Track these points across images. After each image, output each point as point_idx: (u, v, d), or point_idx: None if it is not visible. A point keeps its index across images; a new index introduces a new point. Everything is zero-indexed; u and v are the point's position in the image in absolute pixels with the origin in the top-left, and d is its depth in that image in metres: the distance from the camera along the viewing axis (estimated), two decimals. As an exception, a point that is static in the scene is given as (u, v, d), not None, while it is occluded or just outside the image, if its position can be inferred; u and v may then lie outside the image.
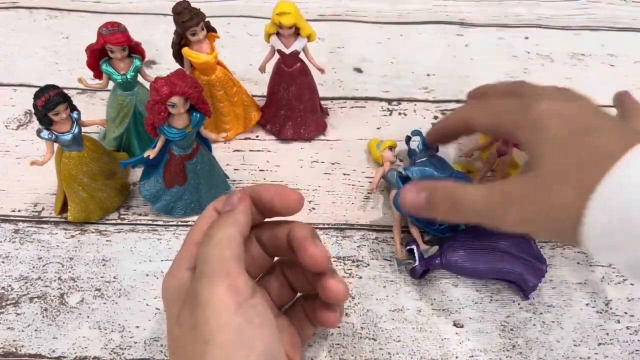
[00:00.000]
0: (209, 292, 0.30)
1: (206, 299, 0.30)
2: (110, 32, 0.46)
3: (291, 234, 0.35)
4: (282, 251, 0.37)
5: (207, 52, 0.50)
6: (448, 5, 0.69)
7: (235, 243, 0.32)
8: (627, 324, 0.44)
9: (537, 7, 0.69)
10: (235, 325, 0.29)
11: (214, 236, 0.33)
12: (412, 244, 0.46)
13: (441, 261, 0.44)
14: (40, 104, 0.42)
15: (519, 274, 0.44)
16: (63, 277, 0.46)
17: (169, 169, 0.47)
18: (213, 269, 0.31)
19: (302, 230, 0.35)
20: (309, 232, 0.35)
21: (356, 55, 0.64)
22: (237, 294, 0.30)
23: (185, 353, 0.30)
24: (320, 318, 0.37)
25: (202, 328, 0.29)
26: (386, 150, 0.52)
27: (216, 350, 0.29)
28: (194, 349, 0.30)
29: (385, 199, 0.51)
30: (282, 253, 0.38)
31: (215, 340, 0.29)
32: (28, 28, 0.67)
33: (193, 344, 0.30)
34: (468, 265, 0.44)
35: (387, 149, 0.52)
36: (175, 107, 0.42)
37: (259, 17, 0.68)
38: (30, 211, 0.51)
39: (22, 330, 0.44)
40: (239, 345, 0.29)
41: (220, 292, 0.30)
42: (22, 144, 0.56)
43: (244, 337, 0.29)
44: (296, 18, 0.48)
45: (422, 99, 0.60)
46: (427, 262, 0.45)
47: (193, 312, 0.30)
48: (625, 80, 0.61)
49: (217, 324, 0.29)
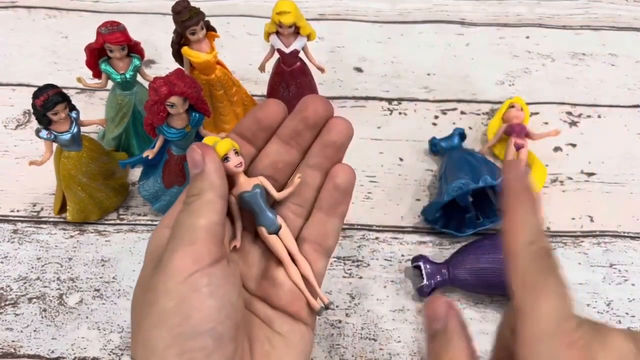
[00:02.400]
0: (168, 258, 0.30)
1: (164, 264, 0.30)
2: (110, 32, 0.46)
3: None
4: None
5: (207, 52, 0.50)
6: (448, 5, 0.69)
7: (213, 209, 0.32)
8: (629, 325, 0.44)
9: (538, 7, 0.69)
10: (179, 292, 0.29)
11: (191, 204, 0.32)
12: (420, 260, 0.45)
13: (448, 277, 0.44)
14: (39, 103, 0.42)
15: None
16: (62, 278, 0.46)
17: (168, 169, 0.47)
18: (181, 237, 0.31)
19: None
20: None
21: (356, 54, 0.64)
22: (195, 262, 0.30)
23: (137, 312, 0.31)
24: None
25: (152, 292, 0.30)
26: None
27: (154, 315, 0.29)
28: (141, 311, 0.30)
29: (386, 198, 0.51)
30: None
31: (157, 304, 0.29)
32: (27, 28, 0.66)
33: (142, 305, 0.30)
34: (474, 281, 0.44)
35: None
36: (174, 107, 0.42)
37: (258, 16, 0.67)
38: (29, 211, 0.50)
39: (21, 330, 0.43)
40: (174, 313, 0.29)
41: (177, 259, 0.30)
42: (21, 144, 0.55)
43: (183, 306, 0.29)
44: (296, 17, 0.48)
45: (423, 98, 0.60)
46: (435, 280, 0.44)
47: (152, 276, 0.31)
48: (625, 79, 0.61)
49: (163, 289, 0.29)
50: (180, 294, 0.29)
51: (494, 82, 0.61)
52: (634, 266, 0.47)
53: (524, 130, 0.52)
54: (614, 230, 0.50)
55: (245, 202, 0.33)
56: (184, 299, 0.29)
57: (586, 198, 0.52)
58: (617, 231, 0.49)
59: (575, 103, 0.59)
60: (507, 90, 0.60)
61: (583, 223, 0.50)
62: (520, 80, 0.61)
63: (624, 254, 0.48)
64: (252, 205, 0.33)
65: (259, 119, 0.35)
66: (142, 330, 0.30)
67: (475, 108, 0.58)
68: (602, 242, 0.49)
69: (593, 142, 0.56)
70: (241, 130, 0.35)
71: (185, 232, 0.31)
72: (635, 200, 0.52)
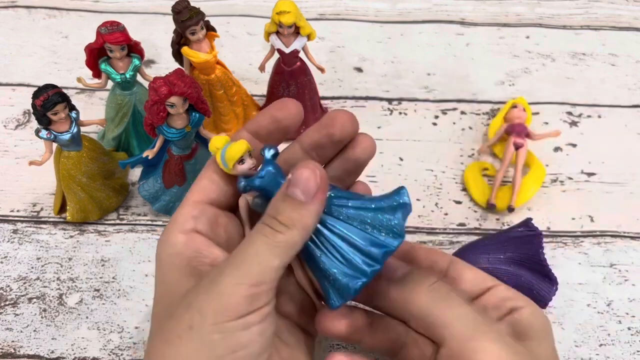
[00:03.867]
0: (228, 288, 0.28)
1: (220, 291, 0.28)
2: (110, 32, 0.46)
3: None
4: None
5: (207, 52, 0.49)
6: (448, 5, 0.69)
7: (291, 253, 0.30)
8: (629, 325, 0.44)
9: (538, 6, 0.69)
10: (230, 327, 0.28)
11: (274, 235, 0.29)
12: None
13: None
14: (39, 103, 0.41)
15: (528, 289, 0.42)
16: (62, 278, 0.46)
17: (168, 169, 0.47)
18: (249, 271, 0.29)
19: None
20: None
21: (356, 54, 0.64)
22: (253, 303, 0.29)
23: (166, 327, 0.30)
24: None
25: (195, 314, 0.29)
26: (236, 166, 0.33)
27: (196, 340, 0.28)
28: (174, 327, 0.29)
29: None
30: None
31: (201, 331, 0.29)
32: (27, 27, 0.66)
33: (176, 321, 0.29)
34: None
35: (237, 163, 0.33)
36: (174, 107, 0.42)
37: (258, 16, 0.67)
38: (29, 211, 0.50)
39: (20, 330, 0.43)
40: (219, 345, 0.28)
41: (236, 295, 0.28)
42: (20, 144, 0.55)
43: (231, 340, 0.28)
44: (296, 17, 0.48)
45: (423, 98, 0.60)
46: None
47: (196, 295, 0.29)
48: (625, 79, 0.61)
49: (213, 319, 0.28)
50: (232, 329, 0.28)
51: (494, 82, 0.61)
52: (634, 266, 0.47)
53: (524, 130, 0.52)
54: (614, 230, 0.50)
55: (258, 205, 0.32)
56: (234, 334, 0.28)
57: (586, 198, 0.52)
58: (617, 231, 0.49)
59: (576, 103, 0.59)
60: (507, 90, 0.60)
61: (583, 223, 0.50)
62: (520, 80, 0.61)
63: (624, 254, 0.48)
64: (264, 209, 0.31)
65: (278, 119, 0.34)
66: (174, 350, 0.28)
67: (475, 108, 0.58)
68: (602, 242, 0.49)
69: (593, 142, 0.56)
70: (256, 129, 0.34)
71: (254, 268, 0.29)
72: (635, 200, 0.52)
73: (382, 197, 0.33)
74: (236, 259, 0.29)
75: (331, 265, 0.31)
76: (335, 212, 0.31)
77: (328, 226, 0.31)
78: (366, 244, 0.31)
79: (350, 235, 0.31)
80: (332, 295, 0.31)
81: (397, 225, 0.31)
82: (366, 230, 0.31)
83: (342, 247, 0.31)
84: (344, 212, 0.31)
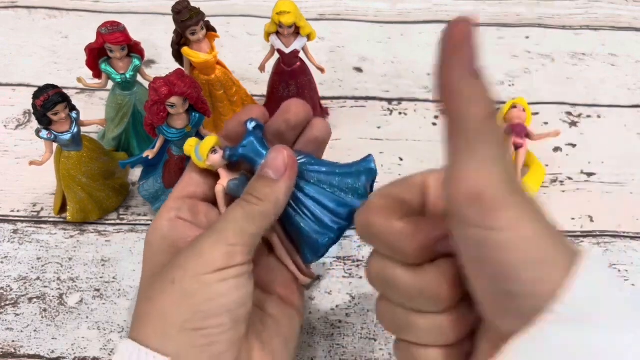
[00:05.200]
0: (206, 247, 0.32)
1: (199, 251, 0.32)
2: (110, 32, 0.46)
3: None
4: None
5: (207, 52, 0.50)
6: (448, 5, 0.69)
7: (266, 223, 0.34)
8: (628, 325, 0.44)
9: (538, 7, 0.69)
10: (209, 279, 0.32)
11: (250, 206, 0.33)
12: None
13: None
14: (39, 103, 0.42)
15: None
16: (62, 278, 0.46)
17: (168, 169, 0.47)
18: (226, 234, 0.33)
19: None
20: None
21: (356, 54, 0.64)
22: (230, 259, 0.32)
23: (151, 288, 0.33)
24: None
25: (177, 271, 0.32)
26: (210, 156, 0.36)
27: (177, 292, 0.31)
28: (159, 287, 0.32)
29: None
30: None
31: (182, 283, 0.32)
32: (27, 28, 0.66)
33: (159, 282, 0.33)
34: None
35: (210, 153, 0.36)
36: (174, 108, 0.42)
37: (258, 16, 0.67)
38: (29, 211, 0.50)
39: (21, 330, 0.43)
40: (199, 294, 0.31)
41: (215, 253, 0.32)
42: (21, 144, 0.55)
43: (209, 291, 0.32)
44: (296, 17, 0.48)
45: (423, 98, 0.60)
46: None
47: (177, 256, 0.33)
48: (625, 79, 0.61)
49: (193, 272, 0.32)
50: (210, 280, 0.31)
51: (494, 82, 0.61)
52: (634, 266, 0.47)
53: (524, 130, 0.52)
54: (614, 230, 0.50)
55: (232, 189, 0.36)
56: (212, 285, 0.31)
57: (586, 198, 0.52)
58: (617, 231, 0.49)
59: (575, 103, 0.59)
60: (507, 90, 0.60)
61: (583, 223, 0.50)
62: (520, 80, 0.61)
63: (624, 254, 0.48)
64: (239, 193, 0.35)
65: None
66: (158, 305, 0.32)
67: (475, 108, 0.58)
68: (602, 242, 0.49)
69: (593, 142, 0.56)
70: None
71: (231, 231, 0.32)
72: (635, 200, 0.52)
73: (351, 164, 0.37)
74: (216, 225, 0.33)
75: (305, 224, 0.35)
76: (308, 176, 0.36)
77: (302, 189, 0.35)
78: (334, 205, 0.35)
79: (321, 197, 0.35)
80: (307, 251, 0.36)
81: (361, 187, 0.36)
82: (334, 193, 0.35)
83: (314, 208, 0.35)
84: (316, 177, 0.36)
